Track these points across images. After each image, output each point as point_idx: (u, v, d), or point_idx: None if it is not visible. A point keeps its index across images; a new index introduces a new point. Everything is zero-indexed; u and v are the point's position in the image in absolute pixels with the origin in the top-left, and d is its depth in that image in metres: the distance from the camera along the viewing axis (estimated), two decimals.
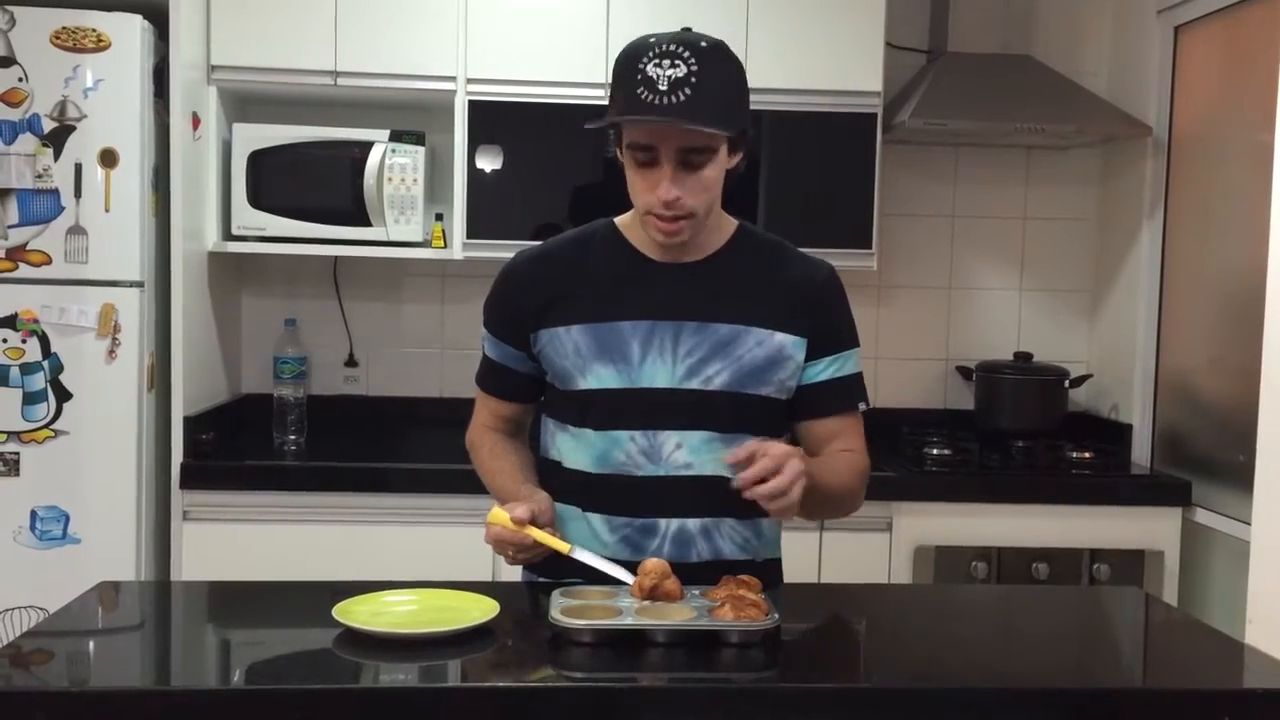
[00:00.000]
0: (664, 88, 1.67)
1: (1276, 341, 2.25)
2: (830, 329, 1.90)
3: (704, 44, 1.72)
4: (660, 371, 1.84)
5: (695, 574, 1.77)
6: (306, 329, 3.56)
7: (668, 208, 1.76)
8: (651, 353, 1.84)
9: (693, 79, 1.68)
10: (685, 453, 1.84)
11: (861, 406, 1.94)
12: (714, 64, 1.71)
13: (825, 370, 1.89)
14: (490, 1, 3.21)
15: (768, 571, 1.91)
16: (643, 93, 1.68)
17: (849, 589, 2.31)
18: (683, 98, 1.67)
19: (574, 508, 1.88)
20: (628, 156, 1.78)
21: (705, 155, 1.75)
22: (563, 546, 1.76)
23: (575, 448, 1.89)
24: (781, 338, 1.86)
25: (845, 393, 1.92)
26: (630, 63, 1.72)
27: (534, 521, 1.76)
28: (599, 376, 1.85)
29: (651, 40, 1.72)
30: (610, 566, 1.75)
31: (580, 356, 1.85)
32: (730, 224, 1.93)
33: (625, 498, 1.85)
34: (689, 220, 1.79)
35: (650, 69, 1.68)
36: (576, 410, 1.88)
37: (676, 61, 1.68)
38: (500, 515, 1.77)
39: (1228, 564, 3.06)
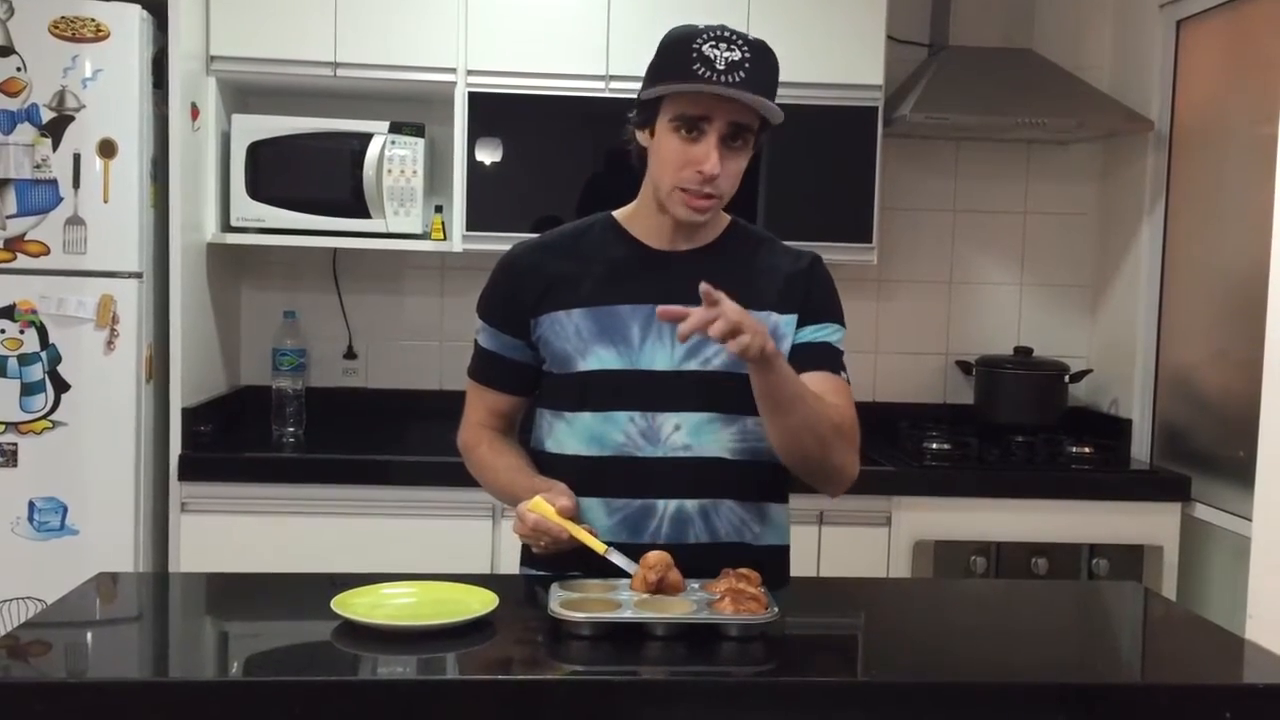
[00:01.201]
0: (722, 67, 1.75)
1: (1278, 337, 2.24)
2: (817, 305, 1.93)
3: (751, 38, 1.81)
4: (660, 354, 1.86)
5: (693, 556, 1.77)
6: (306, 321, 3.55)
7: (705, 182, 1.79)
8: (651, 335, 1.86)
9: (746, 64, 1.76)
10: (684, 434, 1.84)
11: (843, 374, 1.92)
12: (762, 55, 1.80)
13: (808, 335, 1.91)
14: None
15: (772, 558, 1.91)
16: (700, 69, 1.75)
17: (848, 583, 2.31)
18: (739, 78, 1.75)
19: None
20: (669, 130, 1.80)
21: (747, 135, 1.81)
22: (599, 546, 1.75)
23: (572, 433, 1.89)
24: (776, 317, 1.89)
25: (826, 354, 1.91)
26: (683, 44, 1.78)
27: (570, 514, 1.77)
28: (599, 358, 1.86)
29: (701, 27, 1.80)
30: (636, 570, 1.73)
31: (581, 339, 1.87)
32: (723, 218, 1.97)
33: (623, 479, 1.85)
34: (715, 201, 1.84)
35: (707, 49, 1.76)
36: (575, 393, 1.88)
37: (731, 46, 1.77)
38: (543, 505, 1.76)
39: (1227, 560, 3.06)
